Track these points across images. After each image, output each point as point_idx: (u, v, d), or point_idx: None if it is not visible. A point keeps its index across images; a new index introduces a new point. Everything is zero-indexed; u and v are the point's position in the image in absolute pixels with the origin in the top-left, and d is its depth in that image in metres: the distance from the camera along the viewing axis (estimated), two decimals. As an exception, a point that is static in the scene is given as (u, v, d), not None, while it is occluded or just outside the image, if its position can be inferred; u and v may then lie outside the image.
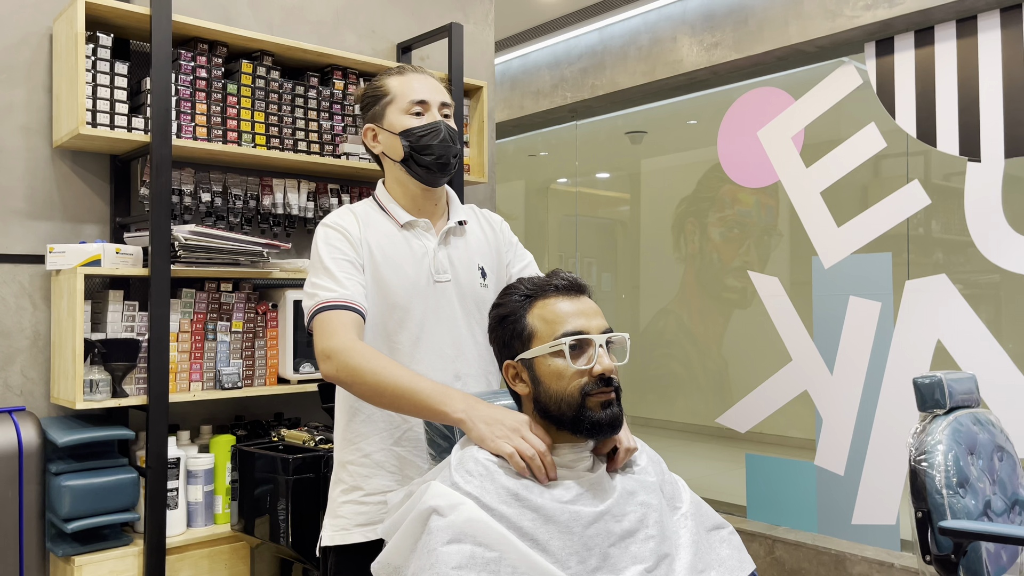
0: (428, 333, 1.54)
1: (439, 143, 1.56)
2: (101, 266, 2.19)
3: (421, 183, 1.59)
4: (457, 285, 1.59)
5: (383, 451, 1.53)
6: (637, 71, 4.05)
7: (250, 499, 2.23)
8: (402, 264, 1.55)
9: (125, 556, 2.16)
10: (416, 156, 1.56)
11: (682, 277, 4.83)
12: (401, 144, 1.56)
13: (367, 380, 1.36)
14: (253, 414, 2.67)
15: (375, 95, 1.61)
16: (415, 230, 1.59)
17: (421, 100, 1.57)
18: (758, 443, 3.86)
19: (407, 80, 1.59)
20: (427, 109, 1.58)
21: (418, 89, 1.58)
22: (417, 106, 1.57)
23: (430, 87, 1.60)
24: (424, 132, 1.56)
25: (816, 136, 3.49)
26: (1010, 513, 2.19)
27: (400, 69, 1.62)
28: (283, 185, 2.63)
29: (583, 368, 1.28)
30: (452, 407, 1.30)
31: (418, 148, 1.55)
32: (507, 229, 1.76)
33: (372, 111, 1.61)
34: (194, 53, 2.40)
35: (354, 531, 1.52)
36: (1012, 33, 2.93)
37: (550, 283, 1.35)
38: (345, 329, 1.41)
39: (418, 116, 1.57)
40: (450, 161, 1.58)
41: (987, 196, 3.00)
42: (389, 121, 1.58)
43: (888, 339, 3.23)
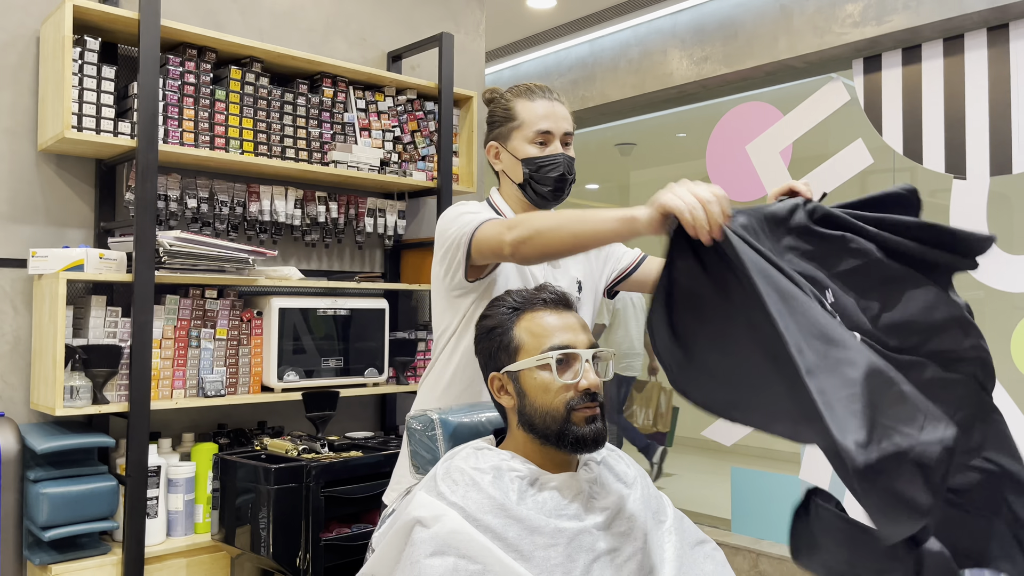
0: None
1: (557, 176, 1.65)
2: (84, 271, 2.16)
3: (535, 206, 1.69)
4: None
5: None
6: (627, 83, 4.06)
7: (231, 508, 2.21)
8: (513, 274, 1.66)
9: (103, 565, 2.13)
10: (534, 184, 1.66)
11: (669, 289, 4.83)
12: (522, 170, 1.66)
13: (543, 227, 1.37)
14: (236, 422, 2.65)
15: (504, 117, 1.68)
16: None
17: (546, 131, 1.65)
18: (744, 456, 3.86)
19: (536, 108, 1.66)
20: (550, 140, 1.66)
21: (544, 119, 1.65)
22: (541, 136, 1.65)
23: (557, 116, 1.66)
24: (545, 163, 1.65)
25: (804, 151, 3.50)
26: (993, 530, 2.19)
27: (530, 92, 1.68)
28: (270, 192, 2.62)
29: (569, 382, 1.28)
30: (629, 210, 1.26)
31: (537, 177, 1.65)
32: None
33: (498, 131, 1.70)
34: (182, 58, 2.38)
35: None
36: (999, 52, 2.96)
37: (538, 297, 1.35)
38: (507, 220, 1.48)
39: (541, 146, 1.65)
40: (565, 190, 1.68)
41: (972, 213, 3.02)
42: (513, 145, 1.67)
43: (873, 354, 3.24)
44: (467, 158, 2.99)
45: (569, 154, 1.68)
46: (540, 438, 1.29)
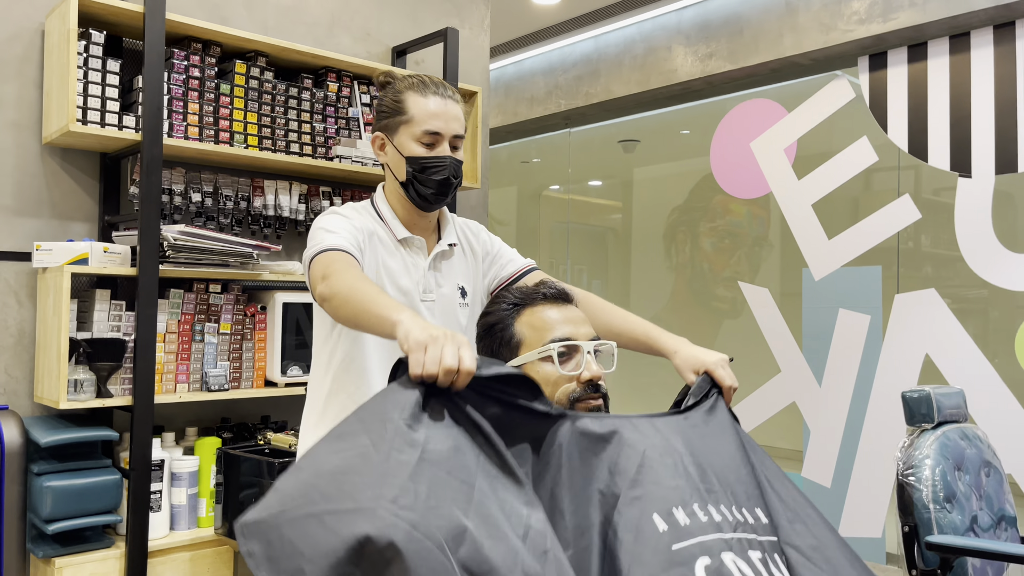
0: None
1: (441, 180, 1.57)
2: (88, 265, 2.16)
3: (416, 206, 1.62)
4: (441, 305, 1.64)
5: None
6: (631, 80, 4.06)
7: (235, 502, 2.21)
8: (396, 277, 1.59)
9: (106, 559, 2.13)
10: (417, 184, 1.58)
11: (673, 286, 4.83)
12: (406, 168, 1.58)
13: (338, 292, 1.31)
14: (239, 417, 2.65)
15: (393, 109, 1.59)
16: (410, 248, 1.63)
17: (435, 132, 1.56)
18: (746, 454, 3.86)
19: (427, 105, 1.56)
20: (439, 141, 1.57)
21: (435, 118, 1.56)
22: (430, 136, 1.56)
23: (448, 117, 1.57)
24: (430, 165, 1.56)
25: (808, 148, 3.50)
26: (996, 529, 2.19)
27: (423, 87, 1.58)
28: (274, 187, 2.62)
29: (571, 374, 1.28)
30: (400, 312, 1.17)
31: (420, 178, 1.57)
32: (485, 240, 1.77)
33: (385, 122, 1.60)
34: (187, 52, 2.38)
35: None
36: (1005, 50, 2.95)
37: (538, 292, 1.35)
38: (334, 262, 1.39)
39: (428, 147, 1.57)
40: (448, 193, 1.60)
41: (977, 211, 3.01)
42: (400, 140, 1.58)
43: (877, 352, 3.23)
44: (471, 154, 2.99)
45: (457, 157, 1.60)
46: None
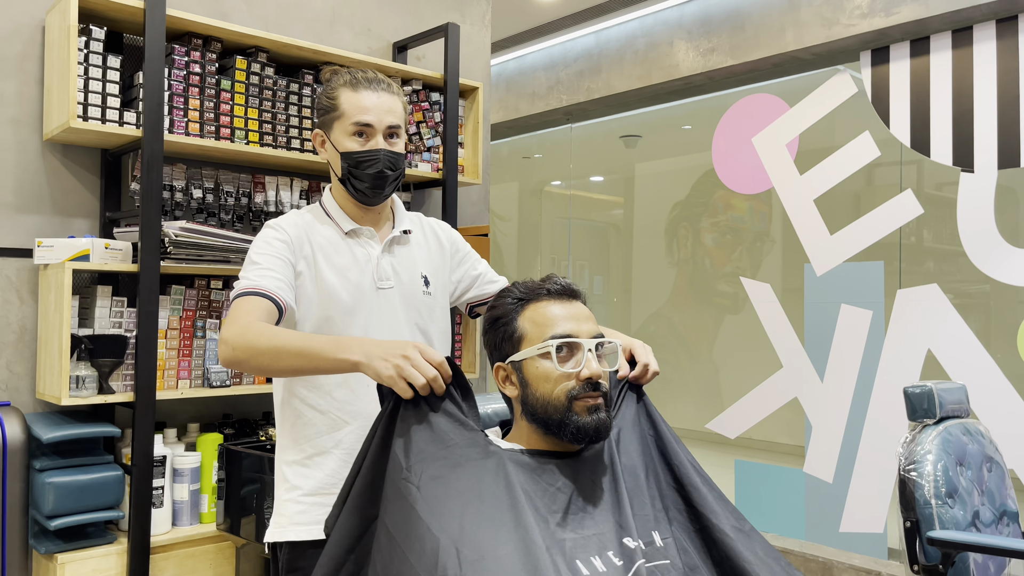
0: (373, 336, 1.56)
1: (375, 173, 1.56)
2: (90, 261, 2.16)
3: (358, 201, 1.61)
4: (400, 293, 1.61)
5: (322, 454, 1.55)
6: (633, 75, 4.05)
7: (236, 498, 2.21)
8: (345, 271, 1.57)
9: (109, 554, 2.13)
10: (353, 180, 1.58)
11: (674, 282, 4.83)
12: (341, 164, 1.57)
13: (263, 349, 1.35)
14: (241, 413, 2.65)
15: (327, 106, 1.58)
16: (359, 238, 1.61)
17: (367, 124, 1.55)
18: (747, 449, 3.86)
19: (358, 99, 1.55)
20: (372, 134, 1.56)
21: (366, 111, 1.55)
22: (362, 128, 1.55)
23: (380, 109, 1.56)
24: (363, 158, 1.56)
25: (810, 143, 3.49)
26: (998, 524, 2.19)
27: (354, 81, 1.57)
28: (275, 182, 2.61)
29: (570, 371, 1.27)
30: (350, 352, 1.28)
31: (355, 173, 1.56)
32: (457, 238, 1.77)
33: (322, 119, 1.60)
34: (188, 48, 2.38)
35: (291, 529, 1.54)
36: (1008, 44, 2.94)
37: (543, 287, 1.34)
38: (247, 314, 1.41)
39: (361, 139, 1.56)
40: (385, 187, 1.59)
41: (980, 206, 3.01)
42: (335, 136, 1.58)
43: (879, 348, 3.23)
44: (472, 149, 2.98)
45: (393, 149, 1.58)
46: (543, 428, 1.29)
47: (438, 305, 1.68)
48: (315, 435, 1.55)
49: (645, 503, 1.29)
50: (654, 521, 1.28)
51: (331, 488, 1.53)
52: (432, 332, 1.66)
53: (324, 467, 1.54)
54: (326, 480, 1.54)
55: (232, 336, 1.37)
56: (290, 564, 1.53)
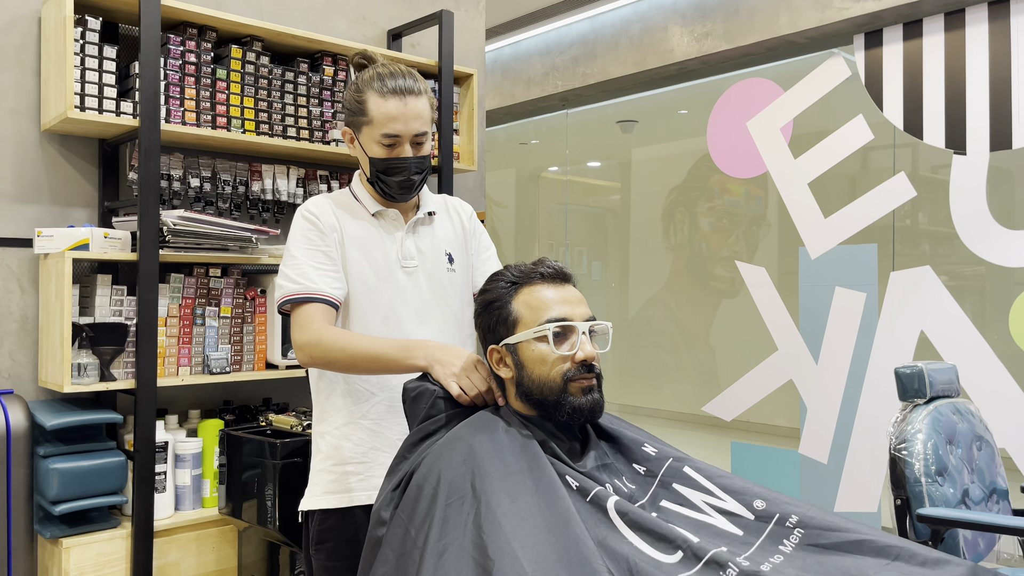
0: (397, 314, 1.64)
1: (403, 179, 1.62)
2: (89, 250, 2.19)
3: (385, 199, 1.68)
4: (425, 271, 1.68)
5: (350, 424, 1.63)
6: (628, 60, 4.06)
7: (238, 483, 2.25)
8: (371, 249, 1.64)
9: (113, 539, 2.17)
10: (380, 184, 1.64)
11: (671, 266, 4.86)
12: (370, 167, 1.64)
13: (339, 359, 1.52)
14: (241, 399, 2.68)
15: (357, 109, 1.62)
16: (385, 220, 1.68)
17: (395, 135, 1.59)
18: (743, 431, 3.90)
19: (387, 108, 1.58)
20: (400, 143, 1.61)
21: (394, 121, 1.59)
22: (390, 139, 1.60)
23: (407, 118, 1.59)
24: (391, 166, 1.62)
25: (805, 127, 3.51)
26: (988, 502, 2.22)
27: (382, 86, 1.59)
28: (272, 171, 2.63)
29: (566, 354, 1.30)
30: (416, 357, 1.46)
31: (383, 178, 1.63)
32: (475, 219, 1.84)
33: (352, 119, 1.65)
34: (183, 37, 2.39)
35: (323, 498, 1.61)
36: (999, 27, 2.96)
37: (536, 271, 1.37)
38: (313, 320, 1.54)
39: (388, 148, 1.61)
40: (412, 190, 1.65)
41: (972, 189, 3.03)
42: (364, 139, 1.63)
43: (872, 329, 3.26)
44: (468, 136, 3.00)
45: (420, 154, 1.63)
46: (538, 408, 1.32)
47: (461, 282, 1.74)
48: (345, 406, 1.62)
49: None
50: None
51: (361, 458, 1.60)
52: (457, 309, 1.71)
53: (353, 437, 1.61)
54: (355, 450, 1.61)
55: (307, 344, 1.53)
56: (320, 535, 1.60)
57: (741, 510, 1.25)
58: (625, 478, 1.32)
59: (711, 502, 1.27)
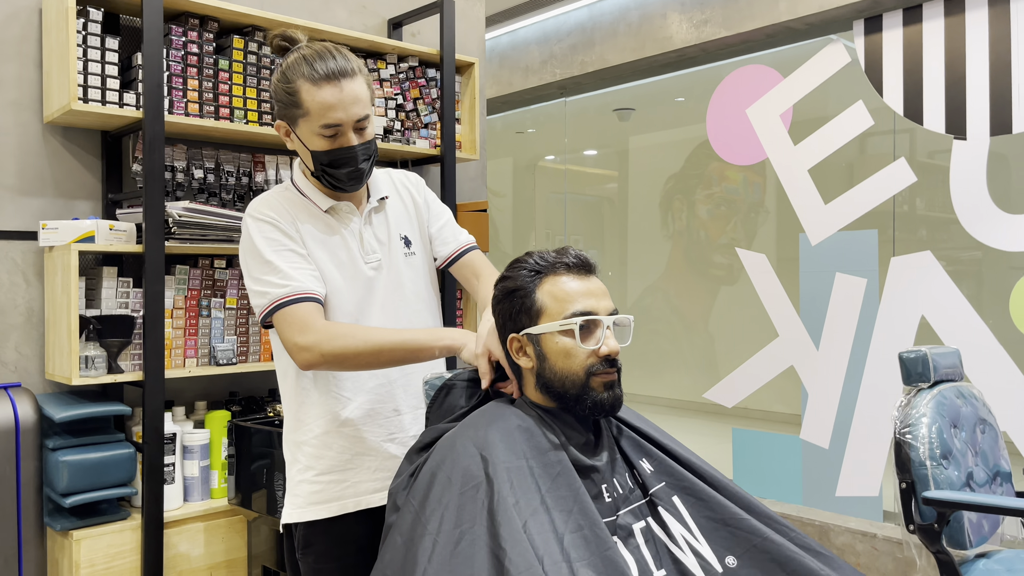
0: (365, 313, 1.56)
1: (351, 170, 1.50)
2: (95, 243, 2.18)
3: (334, 191, 1.56)
4: (388, 263, 1.60)
5: (330, 433, 1.56)
6: (627, 48, 4.05)
7: (247, 474, 2.25)
8: (336, 249, 1.55)
9: (123, 530, 2.18)
10: (328, 177, 1.52)
11: (670, 254, 4.87)
12: (313, 162, 1.51)
13: (361, 350, 1.43)
14: (247, 390, 2.69)
15: (288, 100, 1.48)
16: (339, 215, 1.58)
17: (335, 124, 1.45)
18: (745, 418, 3.92)
19: (322, 96, 1.43)
20: (342, 132, 1.47)
21: (332, 111, 1.44)
22: (331, 129, 1.46)
23: (346, 104, 1.45)
24: (337, 158, 1.49)
25: (804, 114, 3.51)
26: (992, 484, 2.24)
27: (313, 74, 1.44)
28: (275, 162, 2.63)
29: (591, 348, 1.30)
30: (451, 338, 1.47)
31: (329, 171, 1.50)
32: (424, 188, 1.74)
33: (284, 112, 1.50)
34: (185, 28, 2.38)
35: (308, 509, 1.55)
36: (999, 11, 2.96)
37: (560, 260, 1.36)
38: (314, 318, 1.44)
39: (331, 139, 1.47)
40: (363, 177, 1.54)
41: (972, 174, 3.04)
42: (301, 132, 1.49)
43: (873, 315, 3.28)
44: (470, 125, 2.99)
45: (365, 140, 1.49)
46: (558, 401, 1.33)
47: (421, 264, 1.67)
48: (322, 414, 1.56)
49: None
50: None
51: (345, 465, 1.55)
52: (423, 294, 1.66)
53: (335, 446, 1.56)
54: (339, 458, 1.56)
55: (315, 344, 1.42)
56: (305, 541, 1.55)
57: (713, 561, 1.26)
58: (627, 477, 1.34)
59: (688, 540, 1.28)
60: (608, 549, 1.15)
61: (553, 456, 1.25)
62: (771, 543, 1.27)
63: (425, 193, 1.73)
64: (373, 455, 1.56)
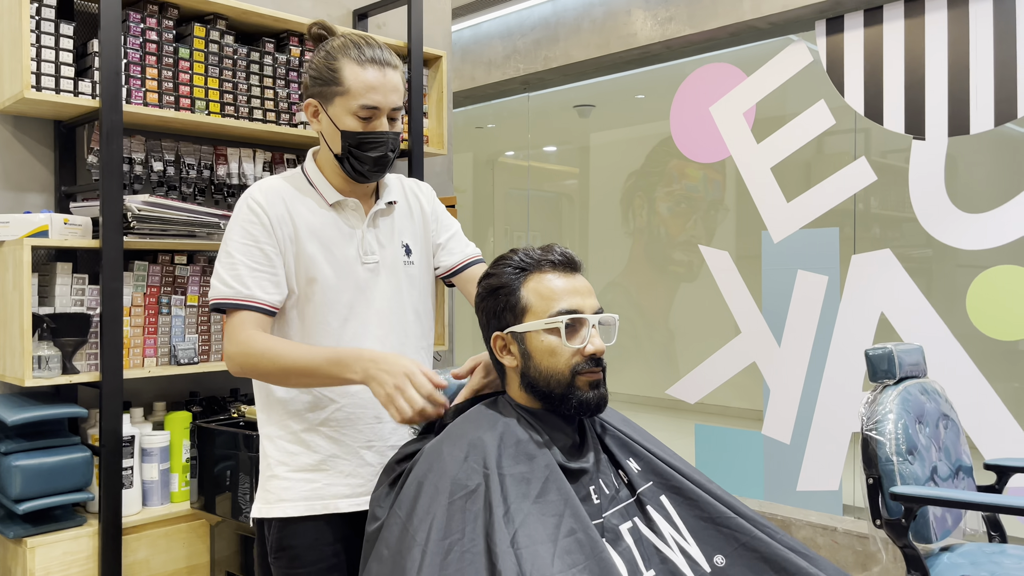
0: (356, 314, 1.54)
1: (380, 155, 1.51)
2: (49, 237, 2.09)
3: (351, 179, 1.55)
4: (385, 266, 1.58)
5: (309, 431, 1.53)
6: (591, 44, 4.04)
7: (210, 476, 2.18)
8: (331, 245, 1.53)
9: (79, 537, 2.09)
10: (352, 159, 1.51)
11: (630, 251, 4.88)
12: (341, 142, 1.50)
13: (270, 371, 1.43)
14: (208, 390, 2.61)
15: (328, 77, 1.49)
16: (344, 211, 1.56)
17: (373, 106, 1.48)
18: (707, 414, 3.95)
19: (365, 77, 1.47)
20: (377, 116, 1.49)
21: (373, 92, 1.47)
22: (367, 111, 1.48)
23: (386, 90, 1.49)
24: (368, 141, 1.49)
25: (767, 112, 3.55)
26: (954, 478, 2.29)
27: (361, 58, 1.47)
28: (238, 154, 2.55)
29: (576, 347, 1.28)
30: (351, 371, 1.37)
31: (356, 154, 1.50)
32: (435, 200, 1.74)
33: (319, 89, 1.51)
34: (143, 14, 2.29)
35: (277, 505, 1.52)
36: (958, 14, 3.02)
37: (546, 258, 1.34)
38: (243, 328, 1.45)
39: (365, 121, 1.49)
40: (386, 168, 1.54)
41: (930, 173, 3.10)
42: (335, 111, 1.50)
43: (834, 312, 3.32)
44: (437, 119, 2.95)
45: (395, 130, 1.52)
46: (543, 400, 1.31)
47: (420, 275, 1.65)
48: (301, 411, 1.53)
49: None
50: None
51: (321, 466, 1.51)
52: (417, 304, 1.63)
53: (312, 445, 1.52)
54: (315, 458, 1.52)
55: (236, 355, 1.45)
56: (281, 542, 1.51)
57: (702, 560, 1.26)
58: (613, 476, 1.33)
59: (677, 539, 1.27)
60: (603, 551, 1.13)
61: (541, 460, 1.23)
62: (759, 541, 1.26)
63: (435, 204, 1.72)
64: (348, 460, 1.52)
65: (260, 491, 1.56)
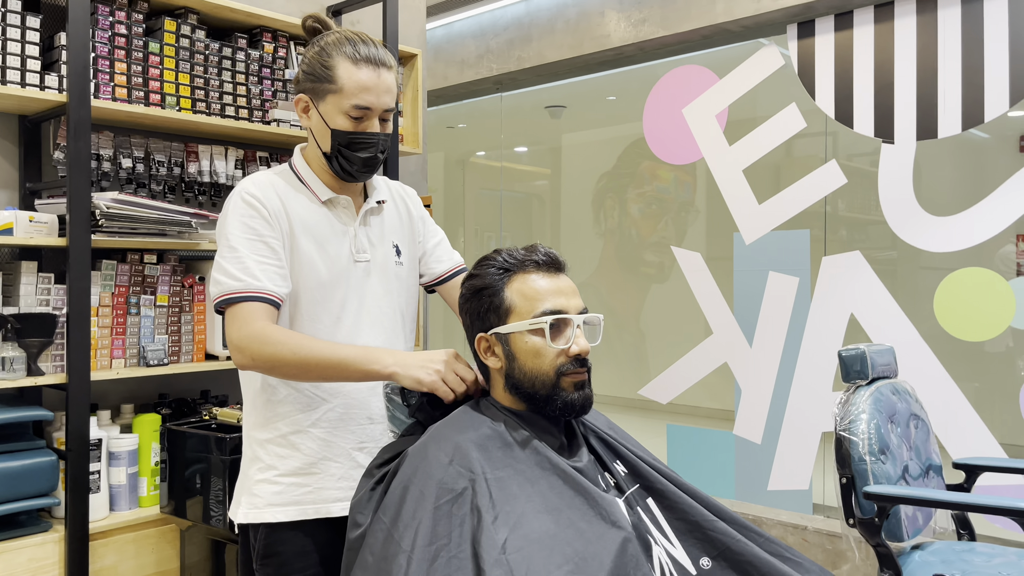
0: (348, 312, 1.52)
1: (368, 157, 1.49)
2: (13, 235, 2.03)
3: (339, 178, 1.54)
4: (376, 265, 1.57)
5: (299, 433, 1.50)
6: (564, 44, 4.04)
7: (181, 480, 2.14)
8: (324, 242, 1.51)
9: (45, 543, 2.03)
10: (341, 159, 1.49)
11: (601, 252, 4.90)
12: (331, 141, 1.48)
13: (289, 361, 1.36)
14: (177, 392, 2.55)
15: (322, 75, 1.46)
16: (336, 208, 1.55)
17: (366, 107, 1.46)
18: (679, 414, 3.97)
19: (359, 76, 1.45)
20: (369, 116, 1.48)
21: (366, 92, 1.45)
22: (359, 111, 1.46)
23: (380, 91, 1.47)
24: (358, 141, 1.48)
25: (739, 114, 3.57)
26: (924, 478, 2.32)
27: (355, 55, 1.45)
28: (209, 152, 2.50)
29: (561, 348, 1.27)
30: (382, 363, 1.34)
31: (346, 153, 1.48)
32: (419, 201, 1.74)
33: (312, 86, 1.48)
34: (112, 7, 2.24)
35: (267, 510, 1.48)
36: (927, 19, 3.07)
37: (529, 258, 1.33)
38: (255, 317, 1.39)
39: (356, 121, 1.47)
40: (374, 168, 1.53)
41: (899, 176, 3.14)
42: (326, 109, 1.48)
43: (805, 313, 3.36)
44: (412, 118, 2.93)
45: (386, 131, 1.51)
46: (527, 401, 1.29)
47: (407, 277, 1.64)
48: (291, 412, 1.49)
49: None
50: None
51: (310, 469, 1.49)
52: (404, 308, 1.62)
53: (302, 447, 1.49)
54: (305, 461, 1.49)
55: (250, 345, 1.37)
56: (268, 548, 1.47)
57: (687, 563, 1.26)
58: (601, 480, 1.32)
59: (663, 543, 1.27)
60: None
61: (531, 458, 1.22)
62: (743, 544, 1.26)
63: (420, 208, 1.71)
64: (340, 461, 1.50)
65: (246, 495, 1.52)
